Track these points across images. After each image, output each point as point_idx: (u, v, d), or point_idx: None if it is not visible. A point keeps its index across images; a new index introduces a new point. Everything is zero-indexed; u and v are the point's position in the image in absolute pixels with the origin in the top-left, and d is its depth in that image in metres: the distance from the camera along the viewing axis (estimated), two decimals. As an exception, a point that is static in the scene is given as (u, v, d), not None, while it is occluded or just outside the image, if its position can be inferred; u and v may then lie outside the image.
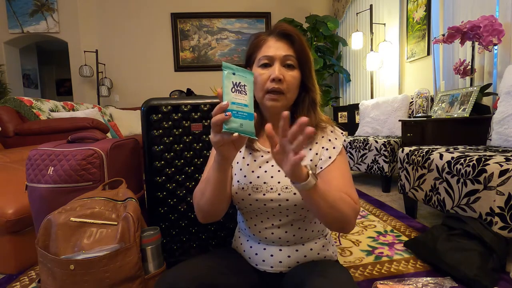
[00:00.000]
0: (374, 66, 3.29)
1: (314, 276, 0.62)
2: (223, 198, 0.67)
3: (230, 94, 0.52)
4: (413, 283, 0.95)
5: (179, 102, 1.06)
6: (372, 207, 1.83)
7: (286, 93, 0.68)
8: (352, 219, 0.62)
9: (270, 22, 4.57)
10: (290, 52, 0.68)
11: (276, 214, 0.72)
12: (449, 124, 1.82)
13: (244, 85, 0.55)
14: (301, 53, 0.69)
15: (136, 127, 3.77)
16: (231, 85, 0.53)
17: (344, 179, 0.68)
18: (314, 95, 0.73)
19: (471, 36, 1.79)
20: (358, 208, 0.64)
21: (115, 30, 4.36)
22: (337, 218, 0.60)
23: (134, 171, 1.18)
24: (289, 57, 0.68)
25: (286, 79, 0.67)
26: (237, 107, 0.52)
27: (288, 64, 0.68)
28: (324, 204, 0.57)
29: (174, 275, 0.62)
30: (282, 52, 0.68)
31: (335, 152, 0.70)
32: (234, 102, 0.52)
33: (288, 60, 0.68)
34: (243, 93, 0.54)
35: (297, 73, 0.69)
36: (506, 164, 0.99)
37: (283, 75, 0.67)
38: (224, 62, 0.54)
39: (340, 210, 0.59)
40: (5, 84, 4.14)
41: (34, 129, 2.33)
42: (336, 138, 0.73)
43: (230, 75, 0.53)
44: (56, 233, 0.75)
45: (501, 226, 1.00)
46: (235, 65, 0.55)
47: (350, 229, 0.65)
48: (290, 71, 0.68)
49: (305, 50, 0.70)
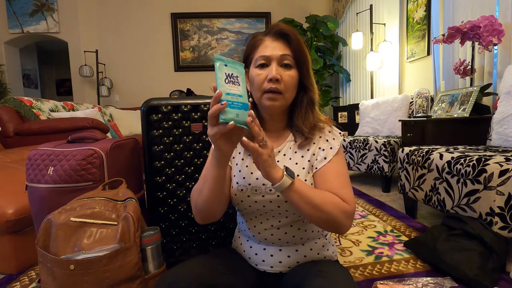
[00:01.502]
0: (374, 66, 3.29)
1: (314, 276, 0.62)
2: (221, 197, 0.67)
3: (225, 85, 0.52)
4: (413, 283, 0.95)
5: (179, 102, 1.06)
6: (372, 207, 1.83)
7: (284, 93, 0.67)
8: (343, 221, 0.62)
9: (270, 22, 4.56)
10: (287, 52, 0.68)
11: (276, 216, 0.72)
12: (449, 124, 1.82)
13: (237, 76, 0.55)
14: (299, 52, 0.69)
15: (136, 127, 3.77)
16: (224, 76, 0.53)
17: (339, 180, 0.67)
18: (312, 95, 0.72)
19: (471, 36, 1.79)
20: (350, 209, 0.63)
21: (115, 30, 4.36)
22: (322, 219, 0.61)
23: (134, 171, 1.18)
24: (286, 57, 0.68)
25: (283, 79, 0.67)
26: (232, 97, 0.52)
27: (285, 64, 0.68)
28: (305, 205, 0.59)
29: (174, 275, 0.62)
30: (279, 52, 0.67)
31: (331, 152, 0.70)
32: (228, 93, 0.52)
33: (285, 60, 0.68)
34: (237, 84, 0.54)
35: (294, 73, 0.69)
36: (506, 164, 0.99)
37: (281, 75, 0.66)
38: (215, 55, 0.54)
39: (325, 211, 0.60)
40: (5, 84, 4.14)
41: (34, 129, 2.33)
42: (334, 139, 0.72)
43: (222, 66, 0.53)
44: (56, 233, 0.75)
45: (501, 226, 1.00)
46: (225, 57, 0.55)
47: (342, 230, 0.65)
48: (288, 71, 0.68)
49: (303, 49, 0.70)
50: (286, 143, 0.74)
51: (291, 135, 0.74)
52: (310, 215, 0.60)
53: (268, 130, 0.76)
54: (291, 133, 0.74)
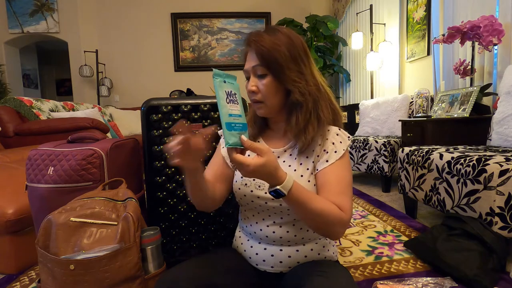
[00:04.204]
0: (374, 66, 3.29)
1: (314, 276, 0.62)
2: (205, 200, 0.70)
3: (226, 106, 0.49)
4: (413, 283, 0.95)
5: (179, 102, 1.06)
6: (372, 207, 1.83)
7: (265, 101, 0.69)
8: (336, 229, 0.63)
9: (270, 22, 4.57)
10: (256, 62, 0.67)
11: (277, 213, 0.72)
12: (449, 124, 1.82)
13: (235, 93, 0.53)
14: (267, 58, 0.66)
15: (136, 127, 3.76)
16: (225, 95, 0.50)
17: (339, 186, 0.66)
18: (296, 96, 0.68)
19: (471, 36, 1.79)
20: (345, 218, 0.63)
21: (115, 30, 4.36)
22: (314, 226, 0.64)
23: (134, 171, 1.18)
24: (256, 68, 0.67)
25: (259, 89, 0.68)
26: (234, 119, 0.50)
27: (259, 75, 0.68)
28: (301, 213, 0.61)
29: (174, 275, 0.62)
30: (252, 63, 0.68)
31: (335, 156, 0.69)
32: (231, 114, 0.50)
33: (257, 71, 0.68)
34: (236, 103, 0.52)
35: (269, 80, 0.67)
36: (506, 164, 0.99)
37: (257, 86, 0.68)
38: (214, 70, 0.52)
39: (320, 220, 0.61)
40: (5, 84, 4.14)
41: (34, 129, 2.32)
42: (341, 142, 0.71)
43: (222, 83, 0.51)
44: (56, 233, 0.75)
45: (501, 226, 1.00)
46: (221, 71, 0.53)
47: (333, 238, 0.68)
48: (262, 80, 0.68)
49: (272, 55, 0.65)
50: (292, 143, 0.74)
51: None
52: (305, 220, 0.64)
53: (274, 130, 0.78)
54: None
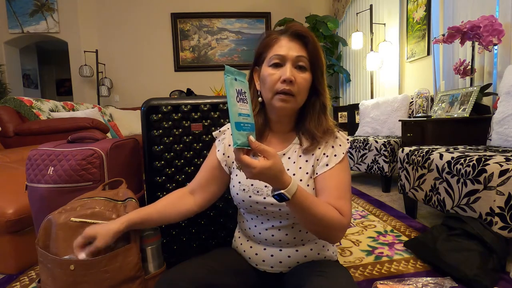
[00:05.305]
0: (374, 66, 3.29)
1: (314, 276, 0.62)
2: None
3: (237, 104, 0.48)
4: (413, 283, 0.95)
5: (179, 102, 1.06)
6: (372, 207, 1.83)
7: (297, 96, 0.66)
8: (335, 233, 0.63)
9: (270, 22, 4.57)
10: (303, 53, 0.66)
11: (276, 217, 0.71)
12: (449, 124, 1.82)
13: (245, 92, 0.52)
14: (315, 55, 0.67)
15: (136, 127, 3.77)
16: (235, 93, 0.49)
17: (339, 190, 0.66)
18: (324, 100, 0.71)
19: (471, 36, 1.79)
20: (345, 223, 0.63)
21: (115, 30, 4.36)
22: (314, 230, 0.64)
23: (134, 171, 1.18)
24: (301, 58, 0.66)
25: (297, 81, 0.65)
26: (243, 118, 0.49)
27: (300, 66, 0.66)
28: (303, 218, 0.60)
29: (174, 275, 0.62)
30: (295, 53, 0.65)
31: (335, 160, 0.69)
32: (240, 113, 0.48)
33: (300, 62, 0.66)
34: (245, 102, 0.51)
35: (308, 76, 0.67)
36: (506, 164, 0.99)
37: (295, 77, 0.65)
38: (226, 66, 0.50)
39: (322, 224, 0.60)
40: (5, 84, 4.14)
41: (34, 129, 2.32)
42: (341, 145, 0.71)
43: (233, 81, 0.50)
44: (56, 233, 0.75)
45: (501, 226, 1.00)
46: (233, 68, 0.52)
47: (332, 242, 0.68)
48: (302, 73, 0.66)
49: (319, 53, 0.68)
50: (292, 146, 0.73)
51: (296, 138, 0.73)
52: (305, 224, 0.63)
53: (274, 131, 0.75)
54: (297, 136, 0.74)
